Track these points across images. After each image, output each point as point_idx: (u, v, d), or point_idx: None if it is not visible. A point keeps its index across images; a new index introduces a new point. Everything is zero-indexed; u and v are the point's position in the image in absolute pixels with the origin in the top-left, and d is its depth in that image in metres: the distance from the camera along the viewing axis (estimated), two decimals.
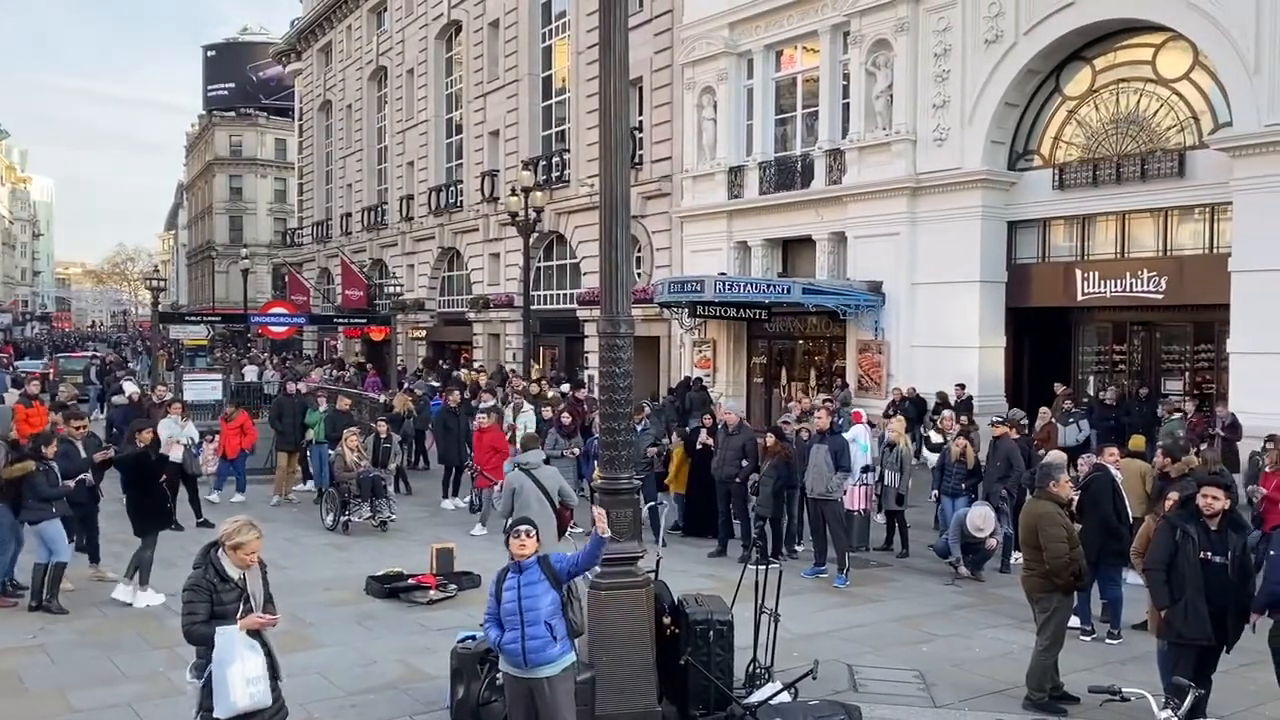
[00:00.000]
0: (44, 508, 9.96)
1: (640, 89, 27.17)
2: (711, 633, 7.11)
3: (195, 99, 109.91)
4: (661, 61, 26.94)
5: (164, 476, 10.78)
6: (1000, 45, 19.30)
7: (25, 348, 58.99)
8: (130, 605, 10.12)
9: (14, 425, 11.57)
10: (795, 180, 23.32)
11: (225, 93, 79.93)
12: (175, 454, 14.12)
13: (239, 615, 5.28)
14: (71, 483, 10.30)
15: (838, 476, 11.60)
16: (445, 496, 16.28)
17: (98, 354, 44.74)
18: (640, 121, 27.29)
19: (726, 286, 21.51)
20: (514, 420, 16.50)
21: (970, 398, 18.80)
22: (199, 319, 42.11)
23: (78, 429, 11.31)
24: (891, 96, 20.98)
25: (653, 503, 13.12)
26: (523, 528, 5.93)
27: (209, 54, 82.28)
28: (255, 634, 5.32)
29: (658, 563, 7.70)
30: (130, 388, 19.47)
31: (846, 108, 22.25)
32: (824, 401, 16.28)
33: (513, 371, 27.32)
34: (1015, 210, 20.10)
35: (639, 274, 26.75)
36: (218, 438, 16.34)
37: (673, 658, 7.05)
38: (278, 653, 5.56)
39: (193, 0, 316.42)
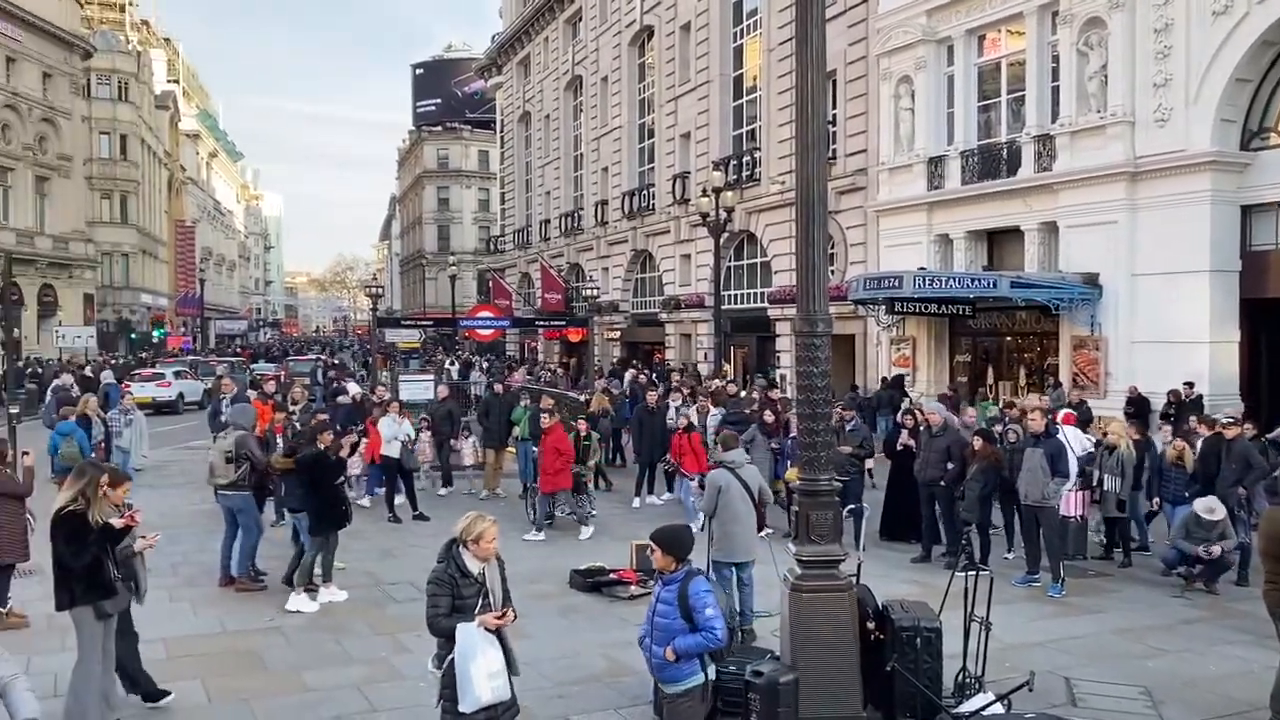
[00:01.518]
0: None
1: (834, 82, 26.73)
2: (919, 639, 6.91)
3: (405, 116, 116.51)
4: (856, 54, 26.43)
5: (341, 479, 10.80)
6: (1230, 17, 17.79)
7: (260, 351, 64.14)
8: (300, 612, 9.95)
9: (258, 422, 12.61)
10: (1000, 169, 22.32)
11: (432, 108, 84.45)
12: (393, 450, 15.15)
13: (477, 610, 5.41)
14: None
15: (1055, 482, 11.00)
16: (637, 494, 16.44)
17: (322, 356, 48.18)
18: (834, 115, 26.83)
19: (926, 282, 20.80)
20: (699, 423, 16.02)
21: (1200, 397, 17.45)
22: (412, 323, 44.73)
23: None
24: (1106, 77, 19.71)
25: (854, 505, 12.84)
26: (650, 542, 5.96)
27: (417, 72, 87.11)
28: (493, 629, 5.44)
29: (859, 567, 7.55)
30: (353, 388, 20.70)
31: (1056, 91, 21.10)
32: (1028, 406, 15.42)
33: (702, 378, 27.23)
34: (1249, 193, 18.46)
35: (832, 271, 26.28)
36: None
37: (878, 663, 6.89)
38: (512, 647, 5.62)
39: (402, 21, 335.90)
